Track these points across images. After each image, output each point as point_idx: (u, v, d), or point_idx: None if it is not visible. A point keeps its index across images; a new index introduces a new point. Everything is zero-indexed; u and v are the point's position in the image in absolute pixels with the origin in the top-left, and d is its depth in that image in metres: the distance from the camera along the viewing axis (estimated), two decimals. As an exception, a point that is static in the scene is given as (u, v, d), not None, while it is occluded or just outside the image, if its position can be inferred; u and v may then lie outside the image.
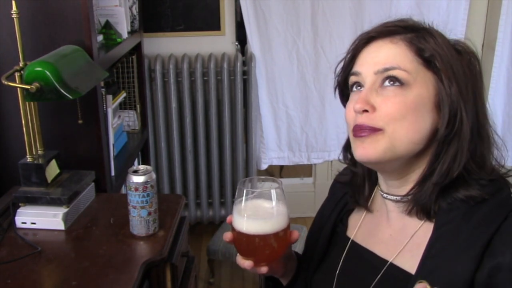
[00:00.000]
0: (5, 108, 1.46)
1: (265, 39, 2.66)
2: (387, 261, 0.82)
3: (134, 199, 1.20)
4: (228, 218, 0.85)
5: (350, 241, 0.91)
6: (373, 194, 0.92)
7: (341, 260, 0.90)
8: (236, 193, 0.83)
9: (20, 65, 1.24)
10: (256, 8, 2.60)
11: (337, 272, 0.89)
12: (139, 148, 2.18)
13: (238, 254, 0.85)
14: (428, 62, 0.79)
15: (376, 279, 0.82)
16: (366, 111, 0.78)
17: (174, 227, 1.30)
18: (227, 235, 0.85)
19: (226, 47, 2.74)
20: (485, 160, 0.80)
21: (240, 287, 2.59)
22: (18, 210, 1.29)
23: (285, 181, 3.28)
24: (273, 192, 0.81)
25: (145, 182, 1.19)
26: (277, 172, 3.52)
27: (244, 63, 2.66)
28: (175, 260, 1.24)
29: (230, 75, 2.64)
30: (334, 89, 0.91)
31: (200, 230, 2.89)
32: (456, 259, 0.73)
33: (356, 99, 0.80)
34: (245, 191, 0.82)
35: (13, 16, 1.22)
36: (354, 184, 0.93)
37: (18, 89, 1.23)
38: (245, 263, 0.83)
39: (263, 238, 0.81)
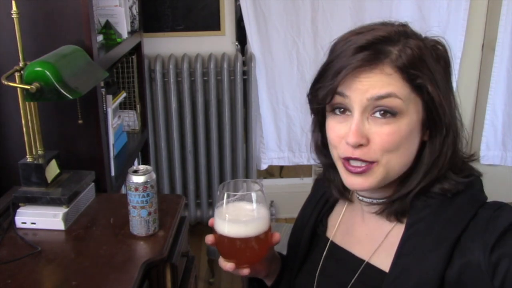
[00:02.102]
0: (5, 108, 1.46)
1: (265, 39, 2.66)
2: (364, 261, 0.83)
3: (134, 199, 1.20)
4: (210, 221, 0.85)
5: (329, 241, 0.92)
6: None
7: (321, 261, 0.91)
8: (217, 196, 0.83)
9: (20, 65, 1.23)
10: (256, 8, 2.60)
11: (317, 273, 0.90)
12: (139, 148, 2.18)
13: (220, 256, 0.85)
14: (418, 87, 0.75)
15: (354, 279, 0.83)
16: (360, 144, 0.75)
17: (174, 227, 1.30)
18: (209, 238, 0.85)
19: (226, 47, 2.74)
20: (458, 154, 0.81)
21: (240, 287, 2.59)
22: (18, 210, 1.28)
23: (285, 181, 3.28)
24: (254, 194, 0.82)
25: (145, 182, 1.19)
26: (277, 172, 3.52)
27: (244, 63, 2.66)
28: (175, 260, 1.24)
29: (230, 75, 2.64)
30: (308, 96, 0.84)
31: (200, 230, 2.89)
32: (426, 257, 0.74)
33: (344, 127, 0.77)
34: (226, 194, 0.82)
35: (13, 16, 1.21)
36: (333, 177, 0.92)
37: (18, 89, 1.23)
38: (227, 265, 0.83)
39: (244, 241, 0.81)
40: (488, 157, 2.93)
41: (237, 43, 2.76)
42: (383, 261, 0.80)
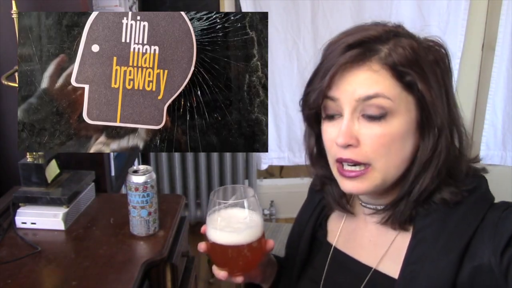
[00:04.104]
0: (5, 108, 1.46)
1: (265, 39, 2.66)
2: (371, 268, 0.82)
3: (134, 199, 1.20)
4: (203, 228, 0.84)
5: (332, 248, 0.90)
6: (352, 197, 0.91)
7: (325, 268, 0.89)
8: (209, 203, 0.82)
9: (20, 65, 1.23)
10: (256, 8, 2.60)
11: (322, 280, 0.88)
12: (139, 148, 2.17)
13: (214, 265, 0.84)
14: (409, 85, 0.74)
15: (362, 286, 0.82)
16: (350, 145, 0.75)
17: (174, 227, 1.30)
18: (201, 246, 0.84)
19: (226, 47, 2.74)
20: (458, 160, 0.79)
21: None
22: (18, 210, 1.28)
23: (285, 181, 3.28)
24: (246, 202, 0.80)
25: (145, 182, 1.19)
26: (277, 172, 3.51)
27: (244, 63, 2.66)
28: (175, 260, 1.24)
29: (230, 75, 2.64)
30: (300, 102, 0.83)
31: (200, 230, 2.89)
32: (436, 263, 0.73)
33: (336, 129, 0.77)
34: (218, 201, 0.81)
35: (13, 16, 1.21)
36: (331, 190, 0.90)
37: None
38: (220, 273, 0.82)
39: (236, 249, 0.79)
40: (488, 157, 2.93)
41: (237, 43, 2.76)
42: (391, 268, 0.79)
